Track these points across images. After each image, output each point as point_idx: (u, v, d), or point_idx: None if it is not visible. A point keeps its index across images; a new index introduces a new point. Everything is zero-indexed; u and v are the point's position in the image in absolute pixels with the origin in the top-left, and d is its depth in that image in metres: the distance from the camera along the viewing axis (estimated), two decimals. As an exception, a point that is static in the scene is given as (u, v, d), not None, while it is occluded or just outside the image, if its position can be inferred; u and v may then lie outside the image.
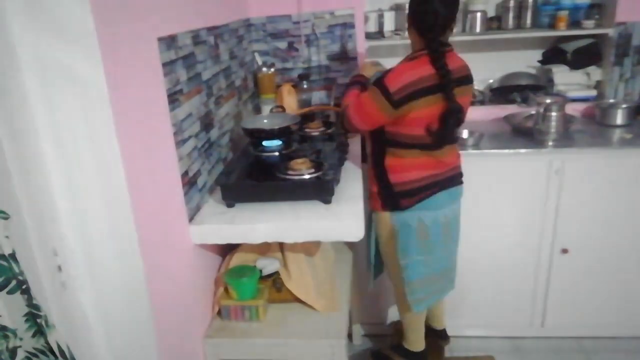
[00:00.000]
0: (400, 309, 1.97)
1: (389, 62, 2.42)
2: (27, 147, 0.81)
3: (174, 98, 1.36)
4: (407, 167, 1.65)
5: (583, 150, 2.04)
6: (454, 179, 1.73)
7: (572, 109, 2.41)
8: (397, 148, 1.65)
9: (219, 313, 1.61)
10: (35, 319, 0.82)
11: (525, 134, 2.21)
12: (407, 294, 1.77)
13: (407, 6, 1.63)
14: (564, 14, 2.32)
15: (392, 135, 1.64)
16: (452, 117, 1.55)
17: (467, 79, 1.64)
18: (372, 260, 1.96)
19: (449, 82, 1.52)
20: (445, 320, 2.14)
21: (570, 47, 2.40)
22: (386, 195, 1.71)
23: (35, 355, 0.84)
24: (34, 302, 0.80)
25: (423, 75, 1.52)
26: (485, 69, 2.56)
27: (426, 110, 1.55)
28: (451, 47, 1.62)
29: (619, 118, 2.29)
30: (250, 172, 1.66)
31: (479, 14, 2.37)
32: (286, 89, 2.18)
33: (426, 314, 2.08)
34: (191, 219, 1.48)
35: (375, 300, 2.36)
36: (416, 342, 1.99)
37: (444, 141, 1.63)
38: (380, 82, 1.56)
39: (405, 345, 2.01)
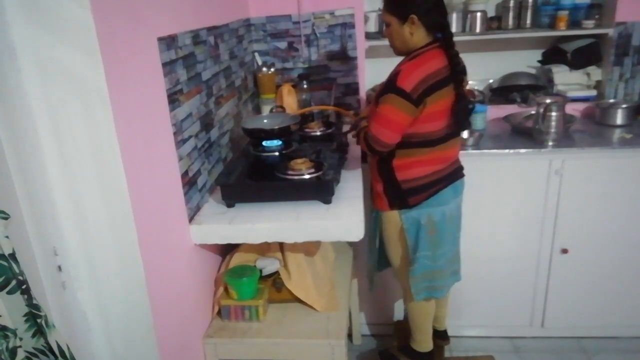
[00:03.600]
0: (407, 306, 1.97)
1: (389, 62, 2.42)
2: (27, 148, 0.81)
3: (174, 98, 1.36)
4: (414, 164, 1.65)
5: (583, 150, 2.04)
6: (456, 173, 1.75)
7: (572, 109, 2.40)
8: (407, 148, 1.63)
9: (219, 313, 1.61)
10: (35, 319, 0.82)
11: (525, 134, 2.21)
12: (410, 286, 1.78)
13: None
14: (564, 14, 2.32)
15: (405, 137, 1.60)
16: (464, 106, 1.60)
17: (465, 69, 1.69)
18: (375, 263, 1.96)
19: (463, 72, 1.61)
20: (447, 321, 2.14)
21: (570, 47, 2.40)
22: (393, 194, 1.70)
23: (35, 355, 0.84)
24: (34, 302, 0.80)
25: (433, 70, 1.54)
26: (485, 69, 2.56)
27: (440, 102, 1.56)
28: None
29: (619, 118, 2.28)
30: (250, 172, 1.65)
31: (479, 14, 2.37)
32: (286, 89, 2.18)
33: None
34: (191, 219, 1.48)
35: (378, 300, 2.36)
36: (423, 342, 1.99)
37: (462, 128, 1.69)
38: (393, 87, 1.52)
39: (413, 345, 2.01)
